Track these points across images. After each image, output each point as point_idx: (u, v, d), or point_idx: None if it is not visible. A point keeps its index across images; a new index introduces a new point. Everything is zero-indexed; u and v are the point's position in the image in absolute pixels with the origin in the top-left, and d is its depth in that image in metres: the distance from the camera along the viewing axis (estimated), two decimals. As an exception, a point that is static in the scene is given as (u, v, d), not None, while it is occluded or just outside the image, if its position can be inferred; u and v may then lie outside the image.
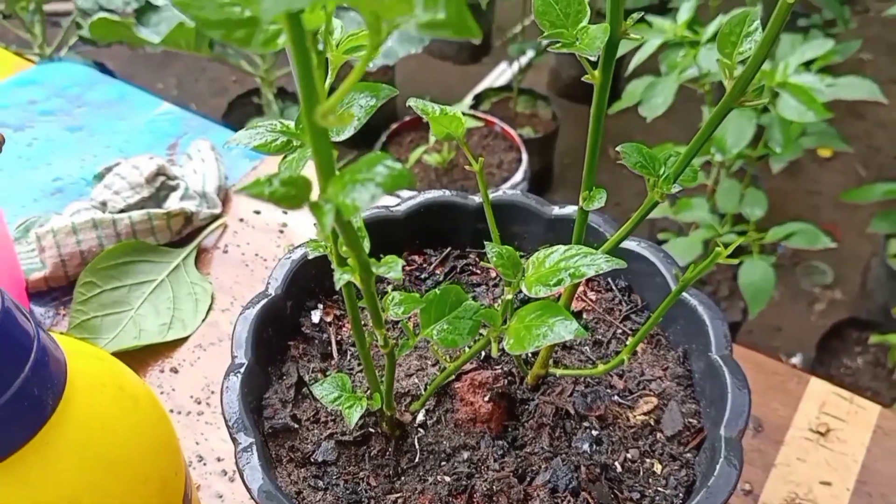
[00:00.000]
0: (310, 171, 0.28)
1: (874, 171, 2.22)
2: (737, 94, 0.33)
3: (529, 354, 0.48)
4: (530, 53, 1.91)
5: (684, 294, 0.48)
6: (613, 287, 0.53)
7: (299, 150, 0.30)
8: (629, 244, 0.51)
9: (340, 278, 0.29)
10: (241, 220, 0.82)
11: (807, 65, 1.15)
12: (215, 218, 0.81)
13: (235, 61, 1.67)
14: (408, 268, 0.54)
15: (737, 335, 1.60)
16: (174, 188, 0.79)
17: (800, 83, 1.05)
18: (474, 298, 0.50)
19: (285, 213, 0.83)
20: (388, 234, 0.53)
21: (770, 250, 1.40)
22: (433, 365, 0.47)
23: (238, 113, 1.87)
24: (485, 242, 0.36)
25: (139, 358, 0.68)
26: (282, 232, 0.81)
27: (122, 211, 0.76)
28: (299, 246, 0.51)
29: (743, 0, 1.60)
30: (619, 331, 0.50)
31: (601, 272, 0.33)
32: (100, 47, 1.89)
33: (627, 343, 0.50)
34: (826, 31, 1.97)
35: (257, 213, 0.83)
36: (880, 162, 2.25)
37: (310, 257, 0.46)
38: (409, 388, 0.46)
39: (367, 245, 0.35)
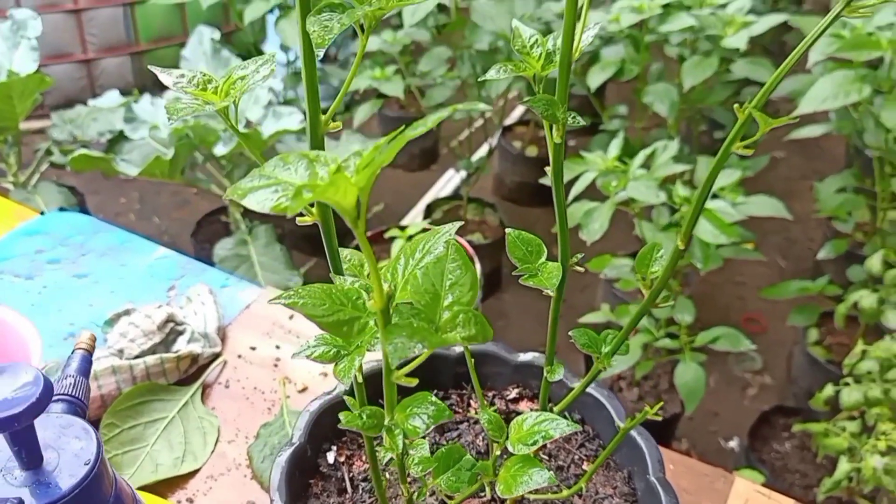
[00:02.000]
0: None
1: (793, 261, 2.44)
2: (651, 300, 0.47)
3: (507, 482, 0.59)
4: (476, 164, 2.09)
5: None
6: (570, 419, 0.66)
7: (347, 358, 0.42)
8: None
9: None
10: (239, 356, 0.93)
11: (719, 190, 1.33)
12: (216, 356, 0.91)
13: (206, 185, 1.79)
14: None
15: (678, 424, 1.73)
16: (181, 332, 0.90)
17: (714, 209, 1.22)
18: (459, 436, 0.63)
19: (278, 347, 0.94)
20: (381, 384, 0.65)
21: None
22: (430, 495, 0.59)
23: (206, 231, 1.98)
24: (479, 410, 0.49)
25: (157, 490, 0.78)
26: (276, 366, 0.92)
27: (137, 356, 0.86)
28: (316, 399, 0.63)
29: (664, 122, 1.81)
30: (577, 456, 0.63)
31: (565, 434, 0.45)
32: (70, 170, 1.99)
33: (584, 467, 0.62)
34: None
35: (253, 349, 0.94)
36: (797, 253, 2.47)
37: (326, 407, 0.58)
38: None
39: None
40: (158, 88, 3.08)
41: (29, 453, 0.40)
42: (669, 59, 1.87)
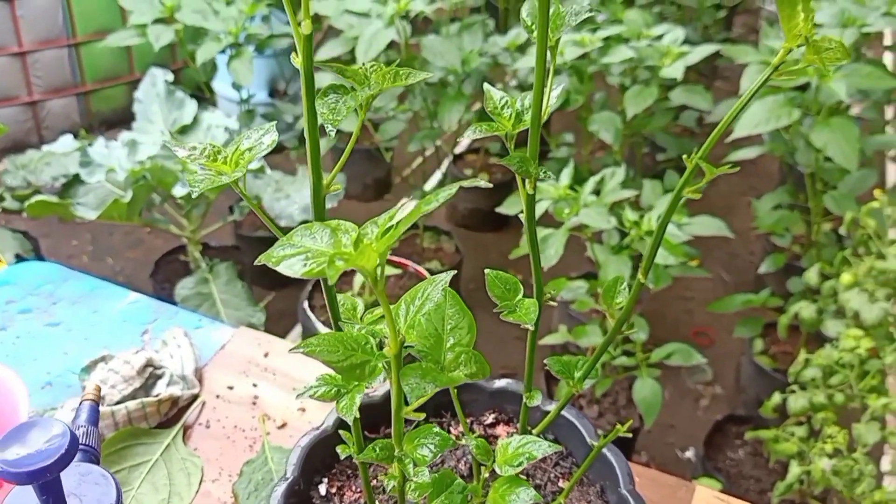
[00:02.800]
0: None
1: (735, 275, 2.55)
2: (616, 329, 0.53)
3: None
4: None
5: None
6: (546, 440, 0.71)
7: (348, 396, 0.46)
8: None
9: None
10: (218, 396, 0.95)
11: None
12: (195, 397, 0.94)
13: (165, 226, 1.80)
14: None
15: (637, 437, 1.80)
16: (160, 376, 0.92)
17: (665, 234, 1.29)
18: (442, 461, 0.67)
19: (255, 385, 0.97)
20: (370, 415, 0.69)
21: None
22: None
23: (165, 270, 1.99)
24: (466, 436, 0.53)
25: (146, 532, 0.80)
26: (254, 404, 0.95)
27: (118, 402, 0.88)
28: (305, 434, 0.67)
29: (609, 147, 1.89)
30: (553, 475, 0.68)
31: (547, 454, 0.50)
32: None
33: (560, 484, 0.67)
34: (679, 163, 2.30)
35: (230, 388, 0.96)
36: (739, 266, 2.58)
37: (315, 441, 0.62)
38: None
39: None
40: (105, 128, 3.07)
41: (56, 501, 0.43)
42: (611, 87, 1.96)
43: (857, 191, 1.71)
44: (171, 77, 1.86)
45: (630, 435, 0.54)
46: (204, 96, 2.41)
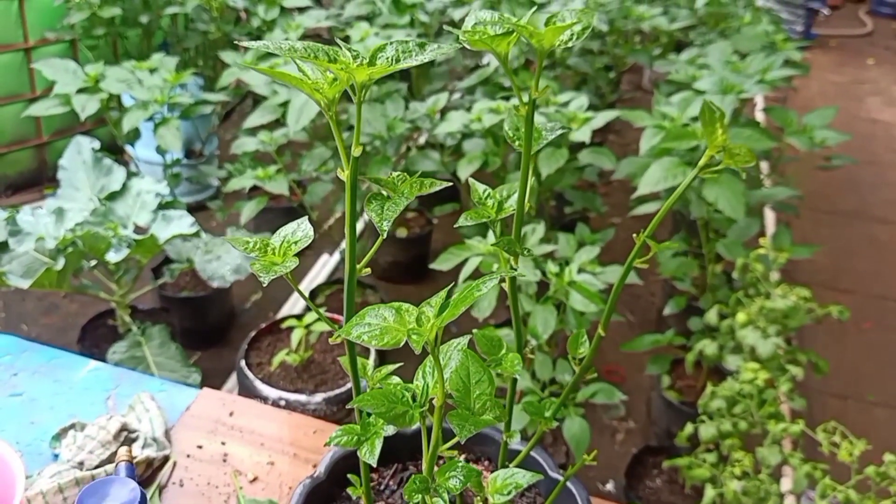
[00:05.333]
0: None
1: (639, 314, 2.74)
2: (582, 374, 0.64)
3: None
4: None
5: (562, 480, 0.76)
6: (508, 474, 0.81)
7: (367, 443, 0.55)
8: (522, 447, 0.79)
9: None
10: (188, 455, 1.00)
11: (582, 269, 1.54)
12: (167, 458, 0.98)
13: (94, 292, 1.81)
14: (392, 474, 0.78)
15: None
16: (134, 439, 0.97)
17: (582, 282, 1.43)
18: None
19: (223, 443, 1.02)
20: (352, 464, 0.77)
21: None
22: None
23: (93, 336, 1.98)
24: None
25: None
26: (224, 461, 1.00)
27: (97, 466, 0.92)
28: (300, 483, 0.74)
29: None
30: (520, 505, 0.77)
31: (532, 483, 0.60)
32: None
33: (526, 512, 0.77)
34: (584, 214, 2.49)
35: (200, 447, 1.01)
36: (642, 306, 2.78)
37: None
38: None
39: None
40: (11, 192, 3.01)
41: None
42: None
43: (743, 237, 1.91)
44: (97, 145, 1.88)
45: (595, 462, 0.64)
46: (122, 159, 2.43)
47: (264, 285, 0.45)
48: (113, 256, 1.68)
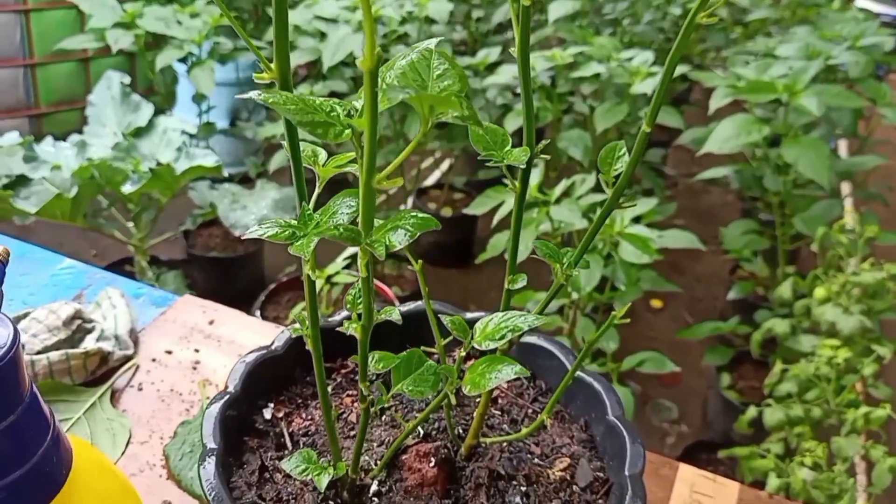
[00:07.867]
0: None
1: (698, 316, 2.51)
2: (615, 198, 0.46)
3: (461, 430, 0.56)
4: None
5: (580, 374, 0.59)
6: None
7: (304, 239, 0.39)
8: (531, 338, 0.62)
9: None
10: (154, 360, 0.85)
11: (636, 220, 1.36)
12: (128, 359, 0.84)
13: (109, 230, 1.71)
14: (347, 372, 0.62)
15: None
16: (90, 331, 0.82)
17: (635, 232, 1.25)
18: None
19: (197, 351, 0.87)
20: (326, 342, 0.61)
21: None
22: (379, 445, 0.54)
23: (108, 281, 1.87)
24: (438, 341, 0.46)
25: (59, 494, 0.69)
26: (195, 369, 0.85)
27: (39, 353, 0.78)
28: (252, 351, 0.58)
29: (575, 169, 1.86)
30: (531, 410, 0.60)
31: (533, 326, 0.43)
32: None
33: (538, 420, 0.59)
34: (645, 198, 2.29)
35: (169, 353, 0.87)
36: (702, 309, 2.55)
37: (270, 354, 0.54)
38: (363, 464, 0.52)
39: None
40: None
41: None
42: (578, 115, 1.95)
43: (825, 218, 1.69)
44: (127, 80, 1.79)
45: (628, 320, 0.47)
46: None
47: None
48: (128, 188, 1.57)
